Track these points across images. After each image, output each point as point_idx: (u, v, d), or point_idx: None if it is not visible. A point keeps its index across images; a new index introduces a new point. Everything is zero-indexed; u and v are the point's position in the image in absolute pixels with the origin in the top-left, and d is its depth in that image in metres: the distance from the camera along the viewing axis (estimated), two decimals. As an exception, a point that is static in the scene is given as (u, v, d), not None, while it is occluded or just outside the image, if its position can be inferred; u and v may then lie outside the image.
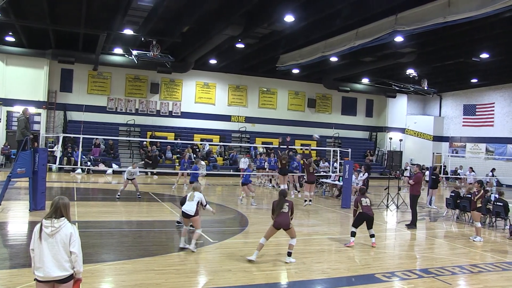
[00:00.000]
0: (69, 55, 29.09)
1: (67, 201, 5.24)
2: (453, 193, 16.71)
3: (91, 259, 8.76)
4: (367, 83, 37.60)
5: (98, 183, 24.07)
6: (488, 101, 36.14)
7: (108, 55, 29.94)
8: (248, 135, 35.52)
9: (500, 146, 34.78)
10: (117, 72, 32.31)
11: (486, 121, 36.23)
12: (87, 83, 31.97)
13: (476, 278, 9.08)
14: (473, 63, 27.42)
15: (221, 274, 8.40)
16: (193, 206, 10.08)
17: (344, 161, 19.83)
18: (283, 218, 9.50)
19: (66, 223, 5.09)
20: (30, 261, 8.38)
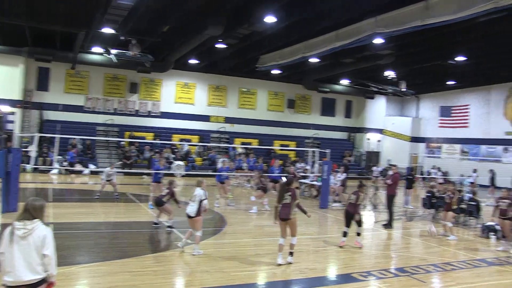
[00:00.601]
0: (46, 53, 28.62)
1: (42, 203, 5.12)
2: (429, 193, 16.98)
3: (65, 261, 8.64)
4: (346, 84, 37.89)
5: (74, 183, 23.77)
6: (464, 103, 36.76)
7: (86, 53, 29.54)
8: (227, 136, 35.46)
9: (474, 147, 35.42)
10: (96, 71, 31.91)
11: (461, 122, 36.85)
12: (65, 82, 31.50)
13: (449, 275, 9.27)
14: (450, 65, 27.88)
15: (198, 275, 8.39)
16: (195, 207, 9.91)
17: (323, 161, 19.93)
18: (284, 210, 9.40)
19: (40, 225, 4.95)
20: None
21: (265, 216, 16.03)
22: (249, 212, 15.99)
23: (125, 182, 24.75)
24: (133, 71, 31.34)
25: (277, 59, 27.72)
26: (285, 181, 10.00)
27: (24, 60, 29.21)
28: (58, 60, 29.61)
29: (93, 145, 30.61)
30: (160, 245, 11.38)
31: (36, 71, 30.53)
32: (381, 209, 18.09)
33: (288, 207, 9.39)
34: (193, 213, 9.90)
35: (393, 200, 14.83)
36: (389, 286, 8.24)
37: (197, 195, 10.02)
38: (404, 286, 8.34)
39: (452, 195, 13.65)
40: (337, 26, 21.20)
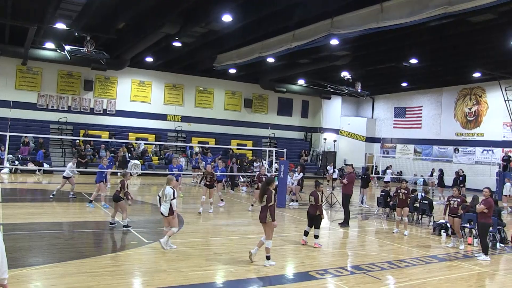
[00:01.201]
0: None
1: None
2: (383, 192, 17.41)
3: (17, 264, 8.37)
4: (303, 85, 38.33)
5: (26, 183, 23.04)
6: (417, 104, 37.91)
7: (38, 49, 28.64)
8: (184, 135, 35.23)
9: (427, 147, 36.57)
10: (49, 68, 31.01)
11: (414, 123, 37.98)
12: (15, 78, 30.48)
13: (403, 272, 9.54)
14: (403, 67, 28.69)
15: (156, 275, 8.31)
16: (167, 205, 10.19)
17: (280, 161, 20.10)
18: (261, 212, 9.55)
19: None
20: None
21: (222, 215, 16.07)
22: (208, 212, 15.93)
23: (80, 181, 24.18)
24: (88, 68, 30.66)
25: (234, 59, 27.74)
26: (265, 181, 10.04)
27: (-31, 54, 28.05)
28: (7, 55, 28.65)
29: (46, 144, 29.75)
30: (116, 245, 11.20)
31: (-17, 66, 29.40)
32: (337, 208, 18.42)
33: (264, 210, 9.48)
34: (166, 212, 10.22)
35: (349, 199, 15.14)
36: (345, 284, 8.40)
37: (167, 194, 10.22)
38: (360, 283, 8.52)
39: (406, 191, 14.08)
40: (294, 27, 21.40)
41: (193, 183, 26.25)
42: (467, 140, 33.85)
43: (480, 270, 10.17)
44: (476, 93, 33.52)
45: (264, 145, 35.98)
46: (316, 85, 37.27)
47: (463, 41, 23.22)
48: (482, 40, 22.83)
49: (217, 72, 32.74)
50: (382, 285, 8.60)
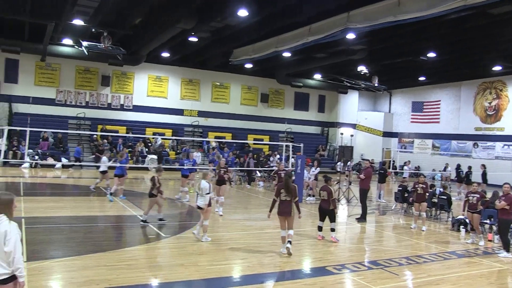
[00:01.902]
0: (14, 44, 27.87)
1: (9, 197, 4.95)
2: (401, 187, 17.27)
3: (38, 256, 8.52)
4: (319, 79, 38.14)
5: (46, 177, 23.36)
6: (435, 99, 37.46)
7: (57, 45, 28.89)
8: (201, 129, 35.34)
9: (445, 142, 36.16)
10: (67, 64, 31.32)
11: (432, 118, 37.55)
12: (35, 74, 30.86)
13: (421, 268, 9.47)
14: (421, 61, 28.36)
15: (173, 269, 8.37)
16: (204, 199, 10.60)
17: (296, 155, 20.06)
18: (285, 207, 9.87)
19: (3, 220, 4.78)
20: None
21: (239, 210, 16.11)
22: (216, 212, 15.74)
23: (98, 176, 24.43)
24: (105, 64, 30.85)
25: (250, 53, 27.70)
26: (288, 176, 10.37)
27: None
28: (27, 52, 28.96)
29: (65, 139, 30.11)
30: (134, 239, 11.29)
31: (3, 63, 29.78)
32: (354, 203, 18.34)
33: (288, 204, 9.86)
34: (203, 205, 10.56)
35: (366, 194, 15.06)
36: (362, 279, 8.37)
37: (203, 188, 10.58)
38: (377, 278, 8.48)
39: (424, 186, 13.94)
40: (310, 21, 21.29)
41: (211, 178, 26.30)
42: (487, 135, 33.34)
43: (501, 267, 10.03)
44: (497, 86, 32.98)
45: (281, 140, 35.92)
46: (332, 79, 37.07)
47: (483, 34, 22.80)
48: (503, 32, 22.39)
49: (233, 67, 32.73)
50: (399, 280, 8.55)
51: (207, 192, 10.60)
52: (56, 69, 31.37)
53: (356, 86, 36.35)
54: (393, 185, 27.94)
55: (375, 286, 7.97)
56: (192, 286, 7.59)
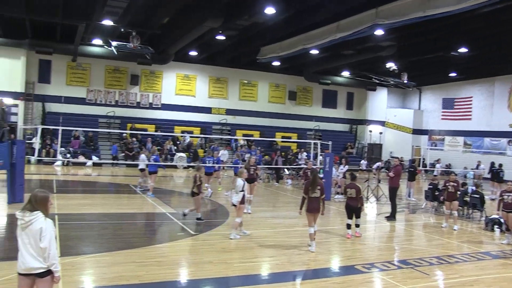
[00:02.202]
0: (47, 45, 28.60)
1: (45, 195, 5.08)
2: (431, 186, 16.96)
3: (71, 252, 8.70)
4: (347, 76, 37.81)
5: (78, 175, 23.82)
6: (466, 95, 36.67)
7: (87, 46, 29.42)
8: (229, 127, 35.46)
9: (477, 140, 35.36)
10: (97, 64, 31.87)
11: (464, 114, 36.78)
12: (66, 74, 31.50)
13: (453, 268, 9.27)
14: (452, 57, 27.78)
15: (202, 266, 8.42)
16: (238, 196, 10.72)
17: (325, 153, 19.93)
18: (314, 204, 9.97)
19: (39, 217, 4.90)
20: (9, 254, 8.40)
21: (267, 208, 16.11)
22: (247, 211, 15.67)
23: (128, 173, 24.82)
24: (134, 63, 31.27)
25: (278, 51, 27.64)
26: (316, 174, 10.50)
27: (25, 53, 29.22)
28: (59, 53, 29.59)
29: (95, 137, 30.65)
30: (163, 236, 11.41)
31: (38, 64, 30.50)
32: (383, 201, 18.13)
33: (317, 201, 9.99)
34: (236, 202, 10.73)
35: (396, 193, 14.84)
36: (392, 278, 8.26)
37: (238, 185, 10.75)
38: (407, 278, 8.36)
39: (455, 184, 13.66)
40: (338, 18, 21.10)
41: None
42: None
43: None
44: (533, 81, 32.04)
45: (309, 138, 35.76)
46: (361, 76, 36.70)
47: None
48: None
49: (261, 64, 32.70)
50: (430, 280, 8.40)
51: (241, 190, 10.70)
52: (86, 69, 31.94)
53: (385, 83, 35.89)
54: (423, 183, 27.52)
55: (405, 285, 7.85)
56: (221, 284, 7.61)
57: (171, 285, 7.45)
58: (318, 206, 9.99)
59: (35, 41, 28.24)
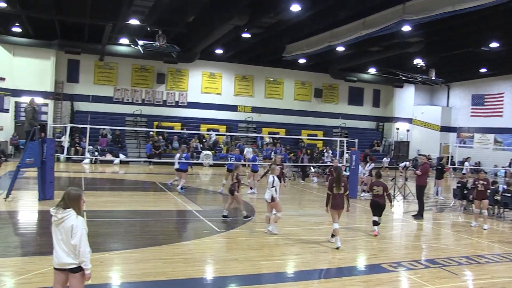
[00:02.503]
0: (75, 45, 29.19)
1: (77, 193, 5.18)
2: (460, 184, 16.65)
3: (99, 248, 8.84)
4: (374, 73, 37.44)
5: (105, 173, 24.18)
6: (497, 91, 35.84)
7: (114, 45, 29.89)
8: (254, 125, 35.51)
9: (509, 137, 34.51)
10: (123, 63, 32.32)
11: (494, 111, 35.96)
12: (94, 73, 32.02)
13: (483, 268, 9.05)
14: (482, 52, 27.18)
15: (228, 263, 8.45)
16: (270, 193, 10.79)
17: (351, 151, 19.78)
18: (338, 200, 10.15)
19: (71, 215, 5.02)
20: (41, 249, 8.60)
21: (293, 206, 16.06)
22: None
23: (154, 171, 25.08)
24: (160, 62, 31.62)
25: (304, 48, 27.54)
26: (340, 171, 10.63)
27: (55, 53, 29.87)
28: (87, 52, 30.14)
29: (122, 135, 31.07)
30: (190, 233, 11.50)
31: (66, 63, 31.10)
32: (410, 199, 17.89)
33: (341, 197, 10.19)
34: (269, 199, 10.81)
35: (423, 191, 14.62)
36: (419, 278, 8.13)
37: (269, 182, 10.88)
38: (435, 278, 8.21)
39: (485, 183, 13.37)
40: (364, 14, 20.90)
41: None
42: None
43: None
44: None
45: (335, 135, 35.55)
46: (387, 73, 36.27)
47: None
48: None
49: (286, 62, 32.65)
50: (459, 281, 8.23)
51: (272, 186, 10.78)
52: (113, 68, 32.40)
53: (412, 79, 35.39)
54: (451, 182, 27.06)
55: (433, 285, 7.72)
56: (247, 281, 7.62)
57: (197, 282, 7.49)
58: (342, 203, 10.15)
59: (64, 41, 28.84)
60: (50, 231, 5.10)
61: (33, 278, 7.06)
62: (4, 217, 12.01)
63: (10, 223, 11.58)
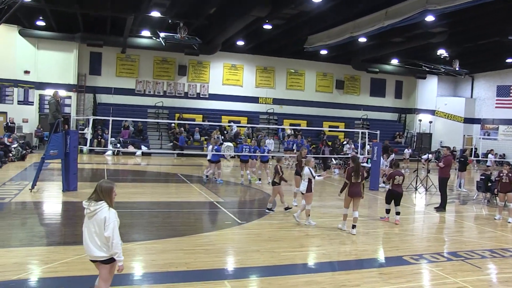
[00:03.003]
0: (98, 38, 29.48)
1: (110, 186, 5.33)
2: (483, 176, 16.40)
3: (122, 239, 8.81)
4: (396, 64, 36.99)
5: (127, 164, 24.47)
6: (524, 82, 35.06)
7: (135, 37, 30.09)
8: (276, 117, 35.47)
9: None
10: (145, 55, 32.54)
11: (521, 102, 35.22)
12: (116, 66, 32.33)
13: (508, 262, 8.93)
14: (509, 42, 26.55)
15: (249, 255, 8.50)
16: (305, 185, 10.99)
17: (372, 143, 19.63)
18: (356, 188, 10.57)
19: (103, 207, 5.16)
20: (65, 239, 8.78)
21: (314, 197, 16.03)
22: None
23: (176, 163, 25.29)
24: (181, 54, 31.72)
25: (325, 39, 27.35)
26: (358, 161, 11.16)
27: (77, 46, 30.24)
28: (109, 45, 30.40)
29: (144, 127, 31.35)
30: (211, 224, 11.59)
31: (89, 56, 31.45)
32: (433, 191, 17.71)
33: (359, 186, 10.59)
34: (304, 190, 11.01)
35: (446, 183, 14.45)
36: (441, 270, 8.06)
37: (305, 174, 11.04)
38: (457, 270, 8.13)
39: (510, 175, 13.13)
40: (386, 4, 20.64)
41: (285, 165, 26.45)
42: None
43: None
44: None
45: (357, 127, 35.32)
46: (410, 64, 35.79)
47: None
48: None
49: (308, 53, 32.48)
50: (483, 274, 8.13)
51: (310, 177, 10.95)
52: (135, 60, 32.65)
53: (435, 70, 34.85)
54: (474, 174, 26.67)
55: (456, 278, 7.65)
56: (268, 272, 7.65)
57: (219, 273, 7.55)
58: (359, 190, 10.57)
59: (86, 34, 29.14)
60: (74, 221, 5.21)
61: (58, 267, 7.23)
62: (29, 207, 12.28)
63: (36, 213, 11.82)
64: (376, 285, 7.16)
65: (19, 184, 15.36)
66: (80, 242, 9.01)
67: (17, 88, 28.86)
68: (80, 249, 8.13)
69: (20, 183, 15.55)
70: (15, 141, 23.74)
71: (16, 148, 22.84)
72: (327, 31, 26.40)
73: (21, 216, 11.10)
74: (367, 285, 7.15)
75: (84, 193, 14.12)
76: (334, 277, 7.54)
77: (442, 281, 7.49)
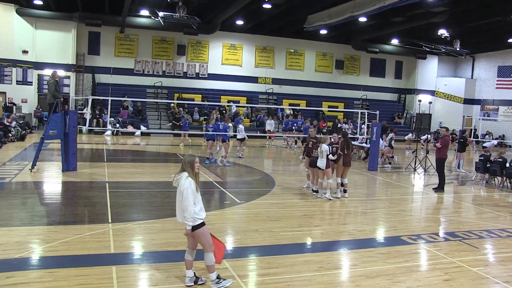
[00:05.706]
0: (96, 17, 29.22)
1: (192, 158, 5.95)
2: (482, 157, 16.44)
3: (121, 218, 9.03)
4: (396, 44, 36.75)
5: (126, 144, 24.48)
6: (525, 63, 34.87)
7: (134, 17, 29.86)
8: (275, 97, 35.38)
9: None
10: (144, 34, 32.29)
11: (521, 83, 35.09)
12: (114, 45, 32.10)
13: (504, 242, 8.99)
14: (511, 22, 26.30)
15: (248, 234, 8.56)
16: (324, 161, 11.61)
17: (372, 123, 19.61)
18: (347, 158, 12.31)
19: (183, 176, 5.80)
20: (65, 219, 8.84)
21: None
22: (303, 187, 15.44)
23: (175, 143, 25.29)
24: (180, 33, 31.51)
25: (325, 19, 27.12)
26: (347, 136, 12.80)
27: (76, 25, 29.94)
28: (107, 24, 30.16)
29: (143, 107, 31.28)
30: (210, 204, 11.62)
31: (87, 36, 31.20)
32: (431, 172, 17.75)
33: (349, 156, 12.49)
34: (323, 166, 11.65)
35: (444, 164, 14.46)
36: (439, 250, 8.13)
37: (323, 151, 11.60)
38: (454, 250, 8.20)
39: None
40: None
41: (284, 145, 26.48)
42: None
43: None
44: None
45: (356, 107, 35.25)
46: (410, 44, 35.57)
47: None
48: None
49: (307, 33, 32.26)
50: (479, 254, 8.19)
51: (328, 154, 11.58)
52: (134, 40, 32.41)
53: (436, 50, 34.64)
54: (473, 155, 26.72)
55: (453, 258, 7.72)
56: (267, 252, 7.71)
57: (218, 252, 7.59)
58: (350, 160, 12.44)
59: (84, 13, 28.88)
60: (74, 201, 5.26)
61: (59, 246, 7.28)
62: (30, 187, 12.32)
63: (36, 193, 11.86)
64: (374, 264, 7.22)
65: (19, 164, 15.39)
66: (80, 221, 9.13)
67: (16, 68, 28.71)
68: (80, 228, 8.25)
69: (20, 163, 15.58)
70: (14, 121, 23.72)
71: (16, 128, 22.83)
72: (327, 10, 26.17)
73: (21, 196, 11.15)
74: (365, 264, 7.21)
75: (84, 173, 14.18)
76: (332, 257, 7.60)
77: (439, 261, 7.55)
